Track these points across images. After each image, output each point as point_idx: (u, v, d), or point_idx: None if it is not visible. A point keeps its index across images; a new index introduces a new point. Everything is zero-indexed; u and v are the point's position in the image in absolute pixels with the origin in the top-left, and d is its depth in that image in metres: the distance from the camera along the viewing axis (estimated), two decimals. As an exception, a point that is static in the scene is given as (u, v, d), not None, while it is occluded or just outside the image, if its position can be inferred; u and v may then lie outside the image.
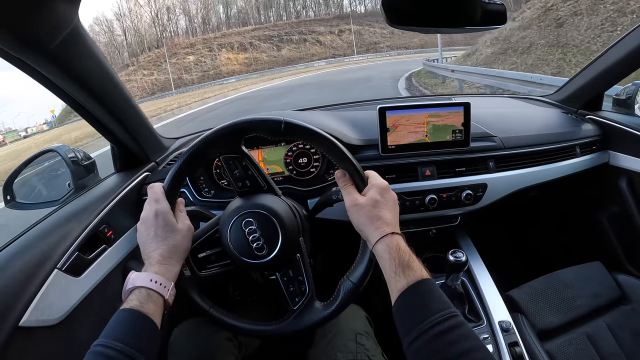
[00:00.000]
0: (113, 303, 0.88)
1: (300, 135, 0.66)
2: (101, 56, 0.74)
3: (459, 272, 0.83)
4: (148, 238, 0.60)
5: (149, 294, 0.54)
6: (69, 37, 0.63)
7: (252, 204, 0.68)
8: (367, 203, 0.61)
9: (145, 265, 0.58)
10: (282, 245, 0.66)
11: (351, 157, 0.65)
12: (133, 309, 0.51)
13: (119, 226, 0.88)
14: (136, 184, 0.93)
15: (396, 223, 0.61)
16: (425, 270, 0.55)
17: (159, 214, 0.61)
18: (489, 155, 0.97)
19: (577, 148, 1.08)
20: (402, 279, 0.53)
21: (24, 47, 0.60)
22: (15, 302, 0.64)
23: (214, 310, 0.68)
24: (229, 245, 0.66)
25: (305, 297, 0.67)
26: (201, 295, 0.68)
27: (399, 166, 0.92)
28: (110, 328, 0.50)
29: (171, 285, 0.57)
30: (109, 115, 0.82)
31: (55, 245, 0.74)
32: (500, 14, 0.83)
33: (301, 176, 0.96)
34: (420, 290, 0.52)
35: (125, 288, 0.55)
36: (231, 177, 0.69)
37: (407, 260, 0.55)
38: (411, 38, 61.62)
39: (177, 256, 0.60)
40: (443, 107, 0.91)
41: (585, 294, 0.98)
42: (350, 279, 0.66)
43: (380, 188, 0.63)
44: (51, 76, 0.69)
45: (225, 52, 61.37)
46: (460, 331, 0.47)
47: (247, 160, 0.68)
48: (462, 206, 0.94)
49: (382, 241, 0.57)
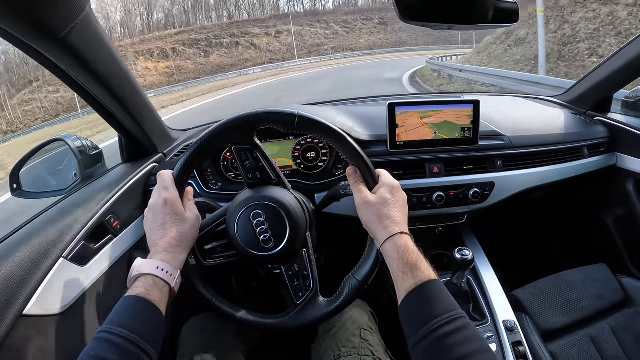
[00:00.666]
0: (118, 293, 0.88)
1: (313, 129, 0.66)
2: (111, 46, 0.73)
3: (465, 270, 0.83)
4: (155, 225, 0.60)
5: (155, 282, 0.53)
6: (80, 25, 0.63)
7: (261, 196, 0.67)
8: (377, 201, 0.61)
9: (151, 253, 0.58)
10: (289, 238, 0.66)
11: (363, 154, 0.65)
12: (139, 295, 0.51)
13: (125, 216, 0.88)
14: (143, 174, 0.93)
15: (405, 223, 0.61)
16: (433, 271, 0.55)
17: (167, 202, 0.60)
18: (497, 154, 0.96)
19: (585, 149, 1.07)
20: (409, 279, 0.53)
21: (36, 35, 0.60)
22: (20, 290, 0.64)
23: (216, 301, 0.68)
24: (236, 237, 0.66)
25: (309, 292, 0.67)
26: (205, 285, 0.68)
27: (407, 162, 0.92)
28: (116, 314, 0.50)
29: (177, 274, 0.56)
30: (118, 105, 0.82)
31: (62, 234, 0.74)
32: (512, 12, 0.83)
33: (309, 170, 0.96)
34: (427, 291, 0.52)
35: (131, 275, 0.55)
36: (242, 168, 0.69)
37: (415, 260, 0.55)
38: (357, 39, 58.22)
39: (184, 245, 0.60)
40: (453, 105, 0.91)
41: (589, 295, 0.98)
42: (355, 277, 0.66)
43: (391, 187, 0.63)
44: (62, 64, 0.69)
45: (143, 61, 50.98)
46: (466, 333, 0.48)
47: (258, 151, 0.68)
48: (469, 204, 0.94)
49: (391, 240, 0.57)
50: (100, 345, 0.46)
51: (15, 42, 0.61)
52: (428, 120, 0.91)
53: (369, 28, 63.50)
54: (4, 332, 0.59)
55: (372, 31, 62.66)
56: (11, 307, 0.62)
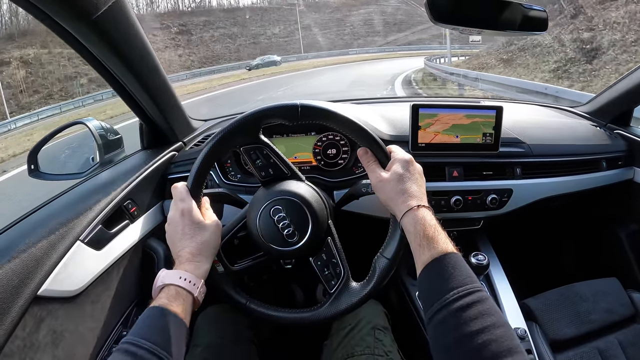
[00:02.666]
0: (131, 279, 0.89)
1: (317, 116, 0.66)
2: (141, 31, 0.73)
3: (479, 275, 0.83)
4: (176, 237, 0.60)
5: (178, 292, 0.53)
6: (113, 8, 0.63)
7: (278, 192, 0.67)
8: (392, 178, 0.61)
9: (175, 264, 0.58)
10: (313, 229, 0.66)
11: (371, 132, 0.65)
12: (162, 306, 0.51)
13: (143, 203, 0.88)
14: (163, 162, 0.93)
15: (423, 195, 0.60)
16: (452, 244, 0.54)
17: (185, 213, 0.61)
18: (516, 161, 0.96)
19: (603, 162, 1.07)
20: (426, 252, 0.53)
21: (69, 16, 0.60)
22: (36, 271, 0.64)
23: (250, 304, 0.67)
24: (259, 236, 0.66)
25: (341, 279, 0.66)
26: (237, 290, 0.68)
27: (427, 165, 0.91)
28: (138, 326, 0.50)
29: (201, 283, 0.56)
30: (143, 91, 0.81)
31: (79, 217, 0.74)
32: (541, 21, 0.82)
33: (329, 167, 0.96)
34: (444, 264, 0.51)
35: (155, 286, 0.55)
36: (254, 167, 0.69)
37: (433, 233, 0.54)
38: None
39: (207, 253, 0.60)
40: (476, 109, 0.91)
41: (599, 309, 0.98)
42: (384, 256, 0.65)
43: (404, 161, 0.62)
44: (91, 46, 0.69)
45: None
46: (482, 306, 0.47)
47: (267, 148, 0.68)
48: (487, 210, 0.94)
49: (409, 214, 0.57)
50: (123, 357, 0.46)
51: (48, 22, 0.61)
52: (450, 124, 0.91)
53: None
54: (18, 313, 0.60)
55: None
56: (26, 287, 0.62)
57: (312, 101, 0.66)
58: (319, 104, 0.66)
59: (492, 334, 0.44)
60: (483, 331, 0.44)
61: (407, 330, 0.88)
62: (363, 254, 0.73)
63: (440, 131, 0.91)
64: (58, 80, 30.38)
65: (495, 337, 0.43)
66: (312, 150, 0.96)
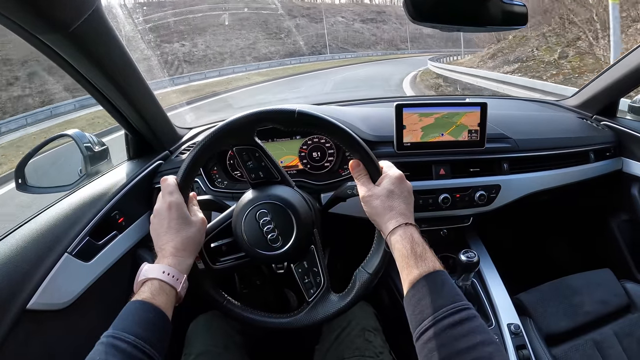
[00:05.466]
0: (121, 289, 0.89)
1: (314, 125, 0.66)
2: (120, 41, 0.73)
3: (470, 272, 0.83)
4: (161, 230, 0.60)
5: (161, 286, 0.53)
6: (90, 20, 0.63)
7: (266, 195, 0.67)
8: (380, 193, 0.61)
9: (158, 257, 0.58)
10: (297, 236, 0.65)
11: (365, 146, 0.65)
12: (144, 300, 0.51)
13: (131, 213, 0.88)
14: (149, 171, 0.93)
15: (410, 213, 0.60)
16: (439, 262, 0.54)
17: (172, 206, 0.60)
18: (503, 157, 0.96)
19: (591, 154, 1.07)
20: (414, 270, 0.53)
21: (46, 28, 0.60)
22: (24, 284, 0.64)
23: (228, 304, 0.67)
24: (243, 237, 0.66)
25: (320, 288, 0.67)
26: (215, 288, 0.68)
27: (414, 164, 0.92)
28: (121, 319, 0.50)
29: (184, 278, 0.56)
30: (126, 101, 0.81)
31: (67, 229, 0.74)
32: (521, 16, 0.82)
33: (315, 170, 0.96)
34: (432, 282, 0.51)
35: (137, 279, 0.55)
36: (244, 169, 0.69)
37: (420, 251, 0.54)
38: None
39: (191, 248, 0.60)
40: (460, 107, 0.91)
41: (593, 300, 0.98)
42: (365, 270, 0.65)
43: (394, 178, 0.62)
44: (70, 59, 0.68)
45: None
46: (471, 324, 0.47)
47: (260, 151, 0.68)
48: (475, 207, 0.94)
49: (395, 232, 0.57)
50: (106, 350, 0.46)
51: (24, 35, 0.60)
52: (435, 122, 0.91)
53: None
54: (8, 326, 0.60)
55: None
56: (15, 301, 0.62)
57: (309, 108, 0.65)
58: (317, 113, 0.66)
59: (481, 351, 0.44)
60: (473, 349, 0.44)
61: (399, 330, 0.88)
62: (346, 260, 0.73)
63: (425, 130, 0.91)
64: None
65: (484, 355, 0.43)
66: (297, 154, 0.97)
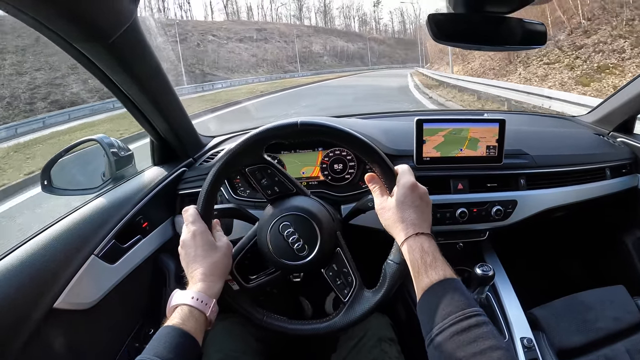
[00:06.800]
0: (143, 292, 0.91)
1: (319, 132, 0.68)
2: (153, 52, 0.75)
3: (485, 286, 0.84)
4: (189, 258, 0.62)
5: (191, 312, 0.55)
6: (128, 32, 0.65)
7: (285, 208, 0.69)
8: (392, 205, 0.63)
9: (189, 284, 0.60)
10: (322, 241, 0.67)
11: (379, 150, 0.66)
12: (175, 326, 0.53)
13: (154, 218, 0.90)
14: (173, 178, 0.95)
15: (423, 222, 0.61)
16: (450, 269, 0.55)
17: (196, 235, 0.63)
18: (520, 173, 0.97)
19: (607, 170, 1.07)
20: (425, 278, 0.54)
21: (86, 39, 0.62)
22: (52, 284, 0.66)
23: (268, 318, 0.69)
24: (270, 252, 0.68)
25: (353, 287, 0.68)
26: (253, 306, 0.70)
27: (432, 178, 0.93)
28: (153, 344, 0.52)
29: (213, 302, 0.58)
30: (155, 109, 0.84)
31: (94, 231, 0.76)
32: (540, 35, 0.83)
33: (336, 182, 0.98)
34: (443, 289, 0.53)
35: (169, 305, 0.57)
36: (259, 187, 0.71)
37: (431, 260, 0.56)
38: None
39: (219, 273, 0.62)
40: (479, 123, 0.92)
41: (606, 317, 0.98)
42: (393, 261, 0.66)
43: (406, 187, 0.63)
44: (106, 68, 0.71)
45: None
46: (480, 330, 0.48)
47: (271, 167, 0.70)
48: (491, 221, 0.95)
49: (407, 242, 0.59)
50: None
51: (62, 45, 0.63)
52: (454, 138, 0.92)
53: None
54: (35, 324, 0.62)
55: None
56: (43, 300, 0.64)
57: (312, 118, 0.68)
58: (320, 120, 0.68)
59: (489, 356, 0.44)
60: (481, 354, 0.45)
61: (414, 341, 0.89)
62: (372, 264, 0.74)
63: (444, 145, 0.93)
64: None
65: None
66: (319, 165, 0.98)
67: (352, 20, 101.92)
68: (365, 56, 78.52)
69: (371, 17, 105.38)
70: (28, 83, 10.17)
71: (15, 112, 7.82)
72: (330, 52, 71.26)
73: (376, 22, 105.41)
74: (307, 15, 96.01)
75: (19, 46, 7.86)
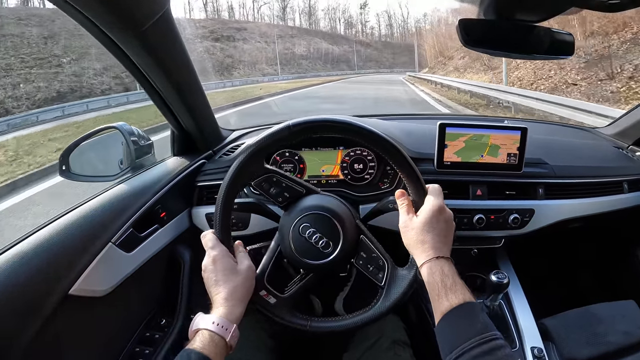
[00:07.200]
0: (157, 281, 0.91)
1: (310, 129, 0.67)
2: (183, 42, 0.75)
3: (499, 293, 0.84)
4: (210, 283, 0.63)
5: (211, 337, 0.56)
6: (161, 20, 0.65)
7: (299, 210, 0.69)
8: (415, 226, 0.63)
9: (212, 309, 0.61)
10: (344, 233, 0.68)
11: (413, 165, 0.66)
12: (195, 350, 0.54)
13: (172, 208, 0.90)
14: (193, 170, 0.95)
15: (443, 246, 0.62)
16: (469, 293, 0.56)
17: (217, 260, 0.63)
18: (539, 182, 0.96)
19: (625, 184, 1.07)
20: (445, 301, 0.55)
21: (119, 27, 0.62)
22: (69, 270, 0.66)
23: (312, 322, 0.69)
24: (297, 257, 0.68)
25: (386, 269, 0.68)
26: (295, 316, 0.69)
27: (452, 183, 0.93)
28: None
29: (233, 327, 0.58)
30: (179, 100, 0.84)
31: (112, 219, 0.76)
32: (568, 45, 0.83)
33: (355, 181, 0.98)
34: (462, 313, 0.54)
35: (191, 329, 0.58)
36: (269, 197, 0.71)
37: (450, 283, 0.56)
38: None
39: (239, 296, 0.62)
40: (501, 130, 0.92)
41: (616, 331, 0.98)
42: None
43: (432, 211, 0.64)
44: (135, 57, 0.71)
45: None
46: (499, 353, 0.48)
47: (276, 174, 0.70)
48: (508, 229, 0.95)
49: (427, 265, 0.60)
50: None
51: (94, 31, 0.63)
52: (475, 144, 0.92)
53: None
54: (50, 310, 0.62)
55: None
56: (59, 285, 0.64)
57: (304, 117, 0.66)
58: (312, 117, 0.67)
59: None
60: None
61: (426, 345, 0.89)
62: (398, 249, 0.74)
63: (465, 150, 0.92)
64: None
65: None
66: (339, 164, 0.98)
67: (337, 22, 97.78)
68: (352, 59, 75.08)
69: (357, 19, 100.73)
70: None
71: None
72: (314, 55, 67.98)
73: (362, 24, 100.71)
74: (290, 16, 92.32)
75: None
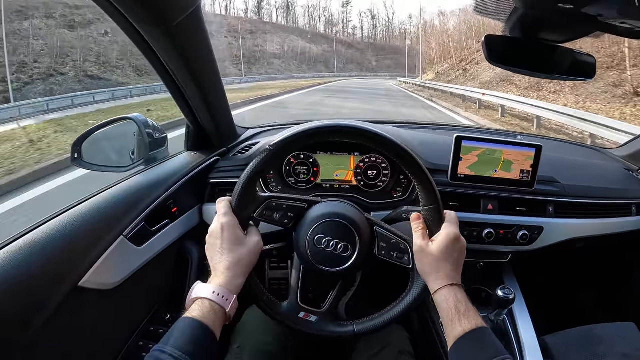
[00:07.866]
0: (165, 276, 0.91)
1: (288, 145, 0.68)
2: (209, 39, 0.75)
3: (505, 308, 0.85)
4: (215, 250, 0.63)
5: (211, 306, 0.56)
6: (190, 17, 0.64)
7: (308, 224, 0.69)
8: (431, 252, 0.64)
9: (211, 276, 0.61)
10: (358, 232, 0.68)
11: (437, 190, 0.67)
12: (194, 318, 0.53)
13: (184, 204, 0.90)
14: (206, 166, 0.95)
15: (457, 274, 0.64)
16: (481, 319, 0.58)
17: (225, 228, 0.63)
18: (550, 200, 0.97)
19: (633, 207, 1.07)
20: (457, 327, 0.57)
21: (150, 21, 0.62)
22: (80, 262, 0.66)
23: (357, 326, 0.69)
24: (323, 270, 0.68)
25: (410, 251, 0.68)
26: (339, 325, 0.70)
27: (464, 195, 0.93)
28: (171, 335, 0.52)
29: (233, 298, 0.58)
30: (199, 96, 0.83)
31: (125, 212, 0.76)
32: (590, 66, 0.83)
33: (368, 188, 0.98)
34: (475, 338, 0.56)
35: (189, 297, 0.58)
36: (275, 223, 0.71)
37: (464, 309, 0.58)
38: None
39: (242, 268, 0.62)
40: (516, 146, 0.92)
41: (615, 352, 0.98)
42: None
43: (449, 239, 0.65)
44: (161, 52, 0.70)
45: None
46: None
47: (273, 199, 0.70)
48: (516, 245, 0.95)
49: (440, 292, 0.61)
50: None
51: (123, 25, 0.62)
52: (488, 158, 0.93)
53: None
54: (59, 301, 0.61)
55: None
56: (69, 277, 0.63)
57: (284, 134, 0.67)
58: (287, 134, 0.68)
59: None
60: None
61: (429, 355, 0.90)
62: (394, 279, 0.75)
63: (479, 165, 0.93)
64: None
65: None
66: (353, 169, 0.98)
67: (317, 20, 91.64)
68: (331, 60, 70.06)
69: (339, 18, 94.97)
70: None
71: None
72: (288, 54, 62.62)
73: (344, 24, 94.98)
74: (267, 10, 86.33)
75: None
